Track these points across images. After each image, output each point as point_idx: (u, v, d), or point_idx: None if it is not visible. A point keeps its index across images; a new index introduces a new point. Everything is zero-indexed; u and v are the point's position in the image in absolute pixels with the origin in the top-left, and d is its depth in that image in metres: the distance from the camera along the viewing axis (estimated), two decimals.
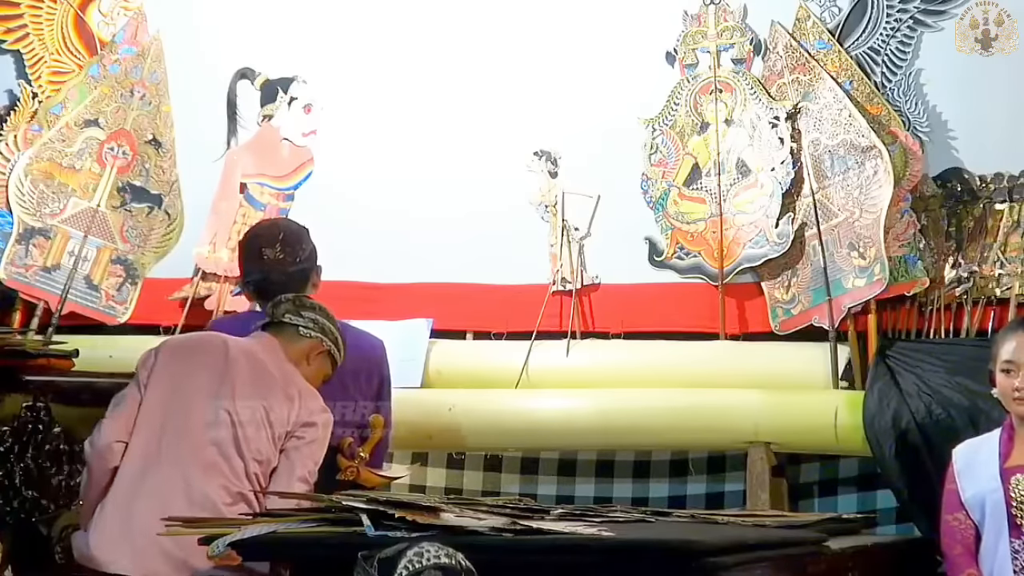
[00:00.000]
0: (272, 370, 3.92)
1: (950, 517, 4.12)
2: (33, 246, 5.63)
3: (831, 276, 5.05)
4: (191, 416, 3.83)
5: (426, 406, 5.21)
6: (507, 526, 3.28)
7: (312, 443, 3.90)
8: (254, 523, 3.40)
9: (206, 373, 3.89)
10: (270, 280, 4.48)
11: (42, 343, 5.05)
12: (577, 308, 5.39)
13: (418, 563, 2.87)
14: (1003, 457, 4.04)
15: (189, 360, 3.94)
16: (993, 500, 4.00)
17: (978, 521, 4.06)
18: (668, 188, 5.37)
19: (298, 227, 4.66)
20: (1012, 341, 4.06)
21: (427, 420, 5.20)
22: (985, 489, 4.03)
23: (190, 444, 3.80)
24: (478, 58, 5.61)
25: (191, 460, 3.77)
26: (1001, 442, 4.07)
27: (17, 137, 5.73)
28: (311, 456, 3.90)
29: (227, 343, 3.97)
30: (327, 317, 4.10)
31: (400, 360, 4.93)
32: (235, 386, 3.87)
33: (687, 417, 5.02)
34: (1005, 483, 3.99)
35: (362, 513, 3.23)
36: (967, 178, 5.09)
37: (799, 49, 5.23)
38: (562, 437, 5.21)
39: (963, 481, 4.08)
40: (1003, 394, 4.06)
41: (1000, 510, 3.99)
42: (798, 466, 5.15)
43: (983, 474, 4.05)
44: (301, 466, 3.86)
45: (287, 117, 5.80)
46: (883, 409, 4.78)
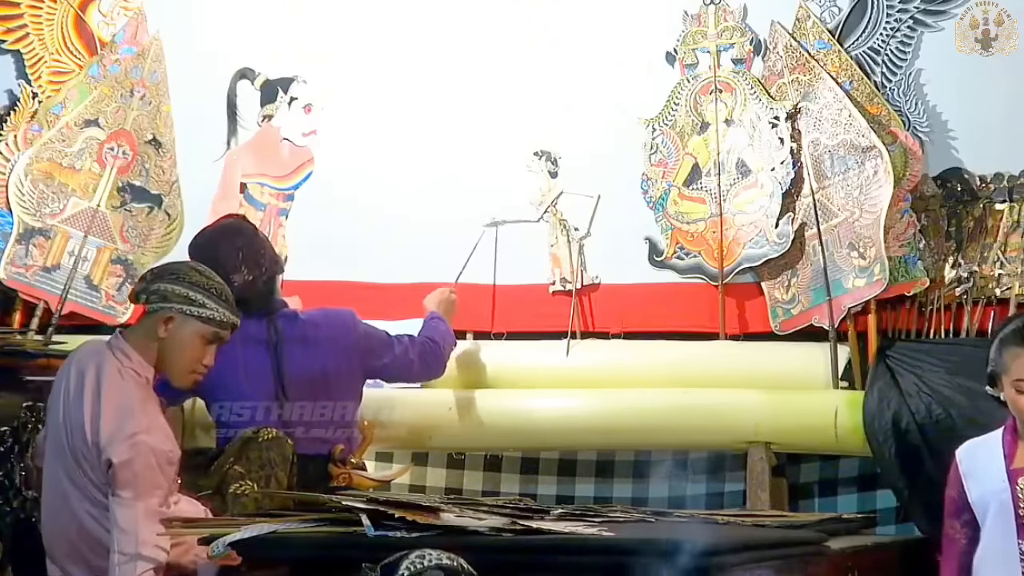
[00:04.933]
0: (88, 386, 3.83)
1: (948, 524, 4.10)
2: (33, 246, 5.63)
3: (831, 276, 5.05)
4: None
5: (426, 406, 5.21)
6: (507, 526, 3.29)
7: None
8: (254, 523, 3.41)
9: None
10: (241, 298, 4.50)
11: (42, 343, 5.06)
12: (577, 308, 5.39)
13: (420, 564, 2.87)
14: (1008, 458, 4.03)
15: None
16: (1000, 501, 3.99)
17: (982, 523, 4.05)
18: (668, 188, 5.37)
19: (250, 235, 4.68)
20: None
21: (427, 420, 5.21)
22: (992, 490, 4.01)
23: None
24: (478, 58, 5.60)
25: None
26: (1004, 443, 4.05)
27: (17, 137, 5.73)
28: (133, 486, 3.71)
29: (73, 357, 3.97)
30: (176, 280, 3.93)
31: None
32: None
33: (687, 417, 5.02)
34: (1012, 484, 3.98)
35: (362, 513, 3.23)
36: (967, 178, 5.08)
37: (799, 49, 5.23)
38: (562, 437, 5.21)
39: (969, 483, 4.07)
40: (1017, 411, 3.97)
41: (1007, 511, 3.97)
42: (798, 466, 5.15)
43: (989, 475, 4.03)
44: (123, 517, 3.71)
45: (287, 117, 5.80)
46: (883, 409, 4.78)
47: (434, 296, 5.15)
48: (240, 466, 4.26)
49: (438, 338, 4.92)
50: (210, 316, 3.92)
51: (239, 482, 4.23)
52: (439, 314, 5.06)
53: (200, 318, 3.91)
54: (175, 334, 3.90)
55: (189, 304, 3.89)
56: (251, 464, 4.26)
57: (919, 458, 4.68)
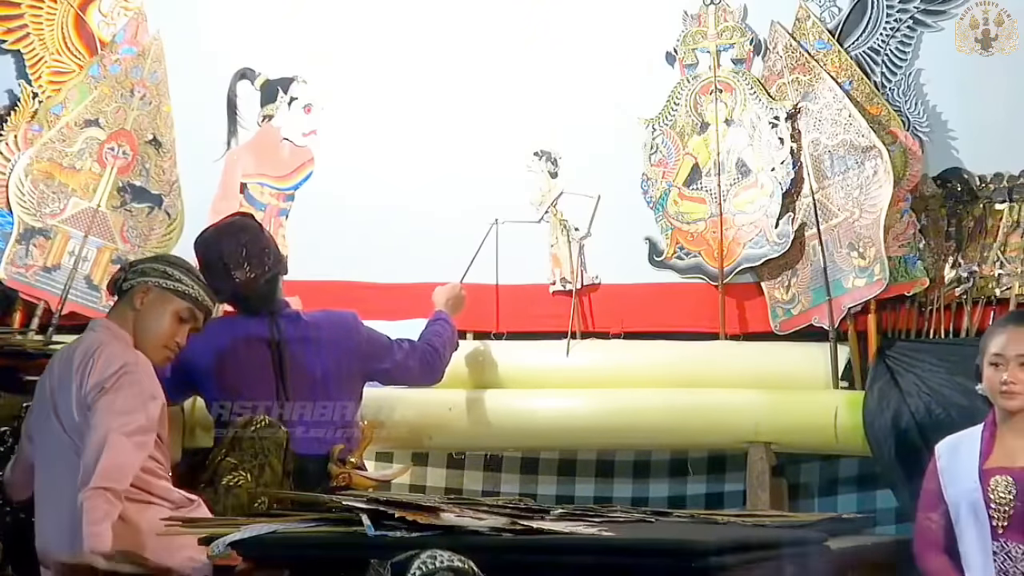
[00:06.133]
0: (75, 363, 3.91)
1: (923, 516, 4.12)
2: (33, 246, 5.63)
3: (831, 276, 5.05)
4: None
5: (426, 406, 5.21)
6: (507, 526, 3.28)
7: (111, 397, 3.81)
8: (254, 523, 3.41)
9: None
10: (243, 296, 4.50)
11: (42, 343, 5.06)
12: (577, 308, 5.39)
13: (432, 564, 2.87)
14: (983, 456, 4.03)
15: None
16: (971, 501, 3.99)
17: (956, 521, 4.05)
18: (668, 188, 5.37)
19: (255, 232, 4.67)
20: (1002, 335, 4.07)
21: (427, 420, 5.21)
22: (964, 489, 4.02)
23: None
24: (478, 58, 5.60)
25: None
26: (983, 440, 4.05)
27: (17, 137, 5.72)
28: (111, 409, 3.80)
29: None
30: (155, 261, 4.11)
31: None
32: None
33: (687, 417, 5.02)
34: (984, 484, 3.98)
35: (362, 513, 3.23)
36: (967, 178, 5.08)
37: (799, 49, 5.23)
38: (562, 437, 5.22)
39: (945, 479, 4.08)
40: (990, 387, 4.05)
41: (980, 512, 3.98)
42: (798, 466, 5.15)
43: (963, 474, 4.03)
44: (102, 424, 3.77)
45: (287, 117, 5.80)
46: (883, 409, 4.79)
47: (444, 291, 5.14)
48: (233, 457, 4.24)
49: (439, 344, 4.90)
50: (185, 291, 4.04)
51: (231, 474, 4.22)
52: (446, 313, 5.05)
53: (176, 292, 4.03)
54: (151, 307, 4.01)
55: (166, 278, 4.02)
56: (244, 453, 4.24)
57: (919, 458, 4.66)
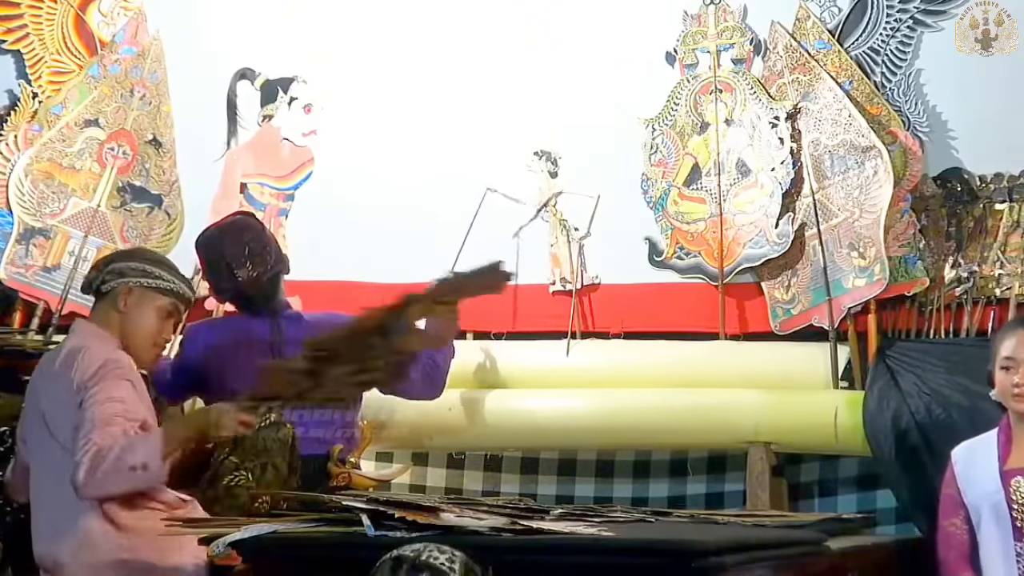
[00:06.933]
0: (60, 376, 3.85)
1: (947, 523, 4.12)
2: (33, 246, 5.63)
3: (831, 276, 5.05)
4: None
5: (426, 406, 5.20)
6: (507, 526, 3.29)
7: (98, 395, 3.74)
8: (254, 523, 3.41)
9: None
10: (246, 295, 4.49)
11: (42, 343, 5.07)
12: (577, 308, 5.39)
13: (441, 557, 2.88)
14: (1002, 459, 4.04)
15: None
16: (993, 503, 4.00)
17: (977, 525, 4.05)
18: (668, 188, 5.37)
19: (257, 231, 4.67)
20: (1012, 338, 4.07)
21: (427, 420, 5.21)
22: (985, 492, 4.02)
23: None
24: (478, 58, 5.60)
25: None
26: (999, 443, 4.06)
27: (17, 137, 5.73)
28: (95, 400, 3.74)
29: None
30: (130, 258, 4.02)
31: None
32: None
33: (687, 417, 5.03)
34: (1006, 486, 3.99)
35: (362, 513, 3.23)
36: (967, 178, 5.08)
37: (799, 49, 5.23)
38: (562, 437, 5.22)
39: (964, 484, 4.08)
40: (1002, 391, 4.06)
41: (1002, 513, 3.98)
42: (798, 466, 5.15)
43: (983, 477, 4.04)
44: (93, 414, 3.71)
45: (287, 117, 5.80)
46: (883, 409, 4.79)
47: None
48: (235, 456, 4.20)
49: (440, 360, 4.84)
50: (167, 287, 3.98)
51: (232, 474, 4.18)
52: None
53: (158, 289, 3.97)
54: (135, 308, 3.95)
55: (146, 276, 3.95)
56: (246, 452, 4.16)
57: (919, 458, 4.68)
